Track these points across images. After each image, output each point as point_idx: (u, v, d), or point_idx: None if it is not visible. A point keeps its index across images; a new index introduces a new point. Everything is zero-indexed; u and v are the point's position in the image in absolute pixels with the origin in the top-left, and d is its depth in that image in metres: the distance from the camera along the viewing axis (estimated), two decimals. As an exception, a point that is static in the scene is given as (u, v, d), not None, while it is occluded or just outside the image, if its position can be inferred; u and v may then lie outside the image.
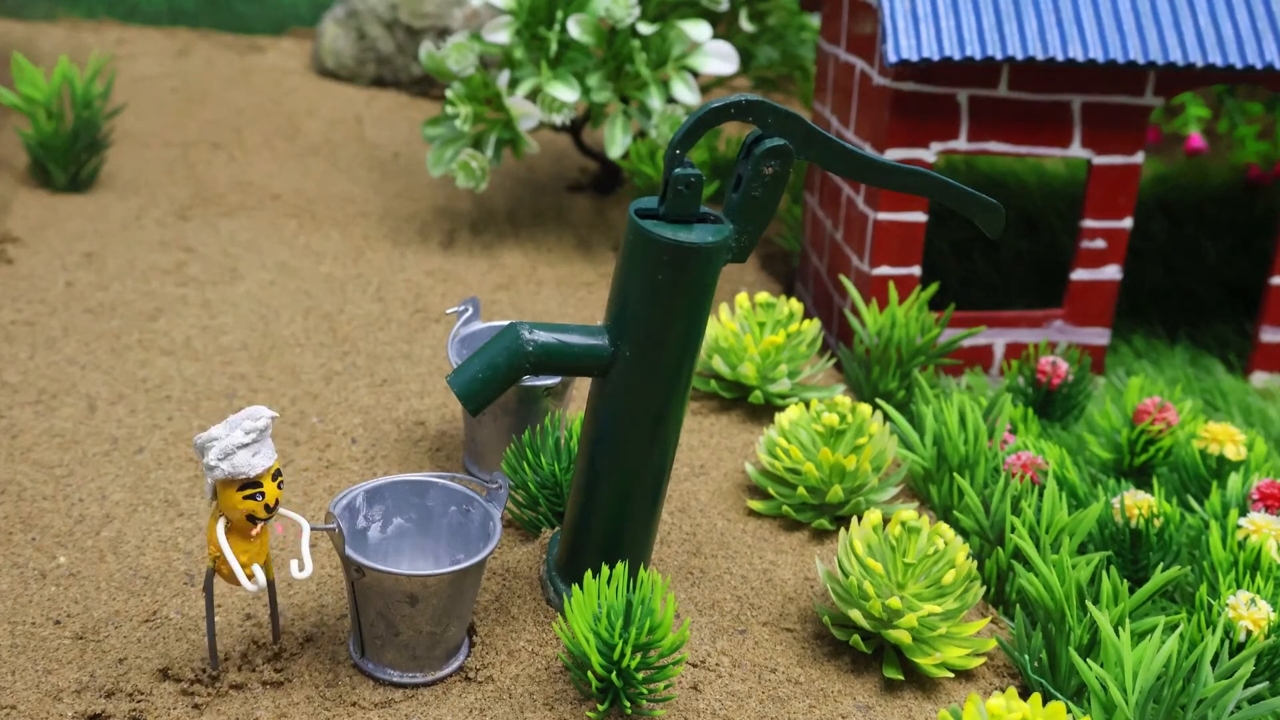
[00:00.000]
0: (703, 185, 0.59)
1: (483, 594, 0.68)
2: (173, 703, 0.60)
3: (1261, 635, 0.63)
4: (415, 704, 0.61)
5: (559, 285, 1.06)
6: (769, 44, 1.24)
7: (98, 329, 0.92)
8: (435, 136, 1.08)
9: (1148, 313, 1.09)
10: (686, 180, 0.59)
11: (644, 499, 0.65)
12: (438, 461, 0.81)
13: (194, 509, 0.74)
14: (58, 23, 1.62)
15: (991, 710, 0.55)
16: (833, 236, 1.00)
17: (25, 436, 0.79)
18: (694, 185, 0.59)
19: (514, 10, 1.03)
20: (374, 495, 0.65)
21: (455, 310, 0.80)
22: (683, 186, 0.59)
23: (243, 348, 0.91)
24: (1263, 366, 0.99)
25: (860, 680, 0.66)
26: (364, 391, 0.87)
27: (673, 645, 0.60)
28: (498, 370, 0.61)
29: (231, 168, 1.23)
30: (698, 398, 0.90)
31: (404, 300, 1.01)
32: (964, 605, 0.66)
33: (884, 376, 0.87)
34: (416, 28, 1.51)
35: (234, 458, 0.56)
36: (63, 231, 1.07)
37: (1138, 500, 0.73)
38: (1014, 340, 0.96)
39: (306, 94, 1.46)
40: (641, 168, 1.13)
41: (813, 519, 0.76)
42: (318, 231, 1.12)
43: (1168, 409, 0.83)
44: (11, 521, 0.72)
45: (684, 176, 0.58)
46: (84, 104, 1.13)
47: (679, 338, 0.61)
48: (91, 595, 0.67)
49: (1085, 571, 0.64)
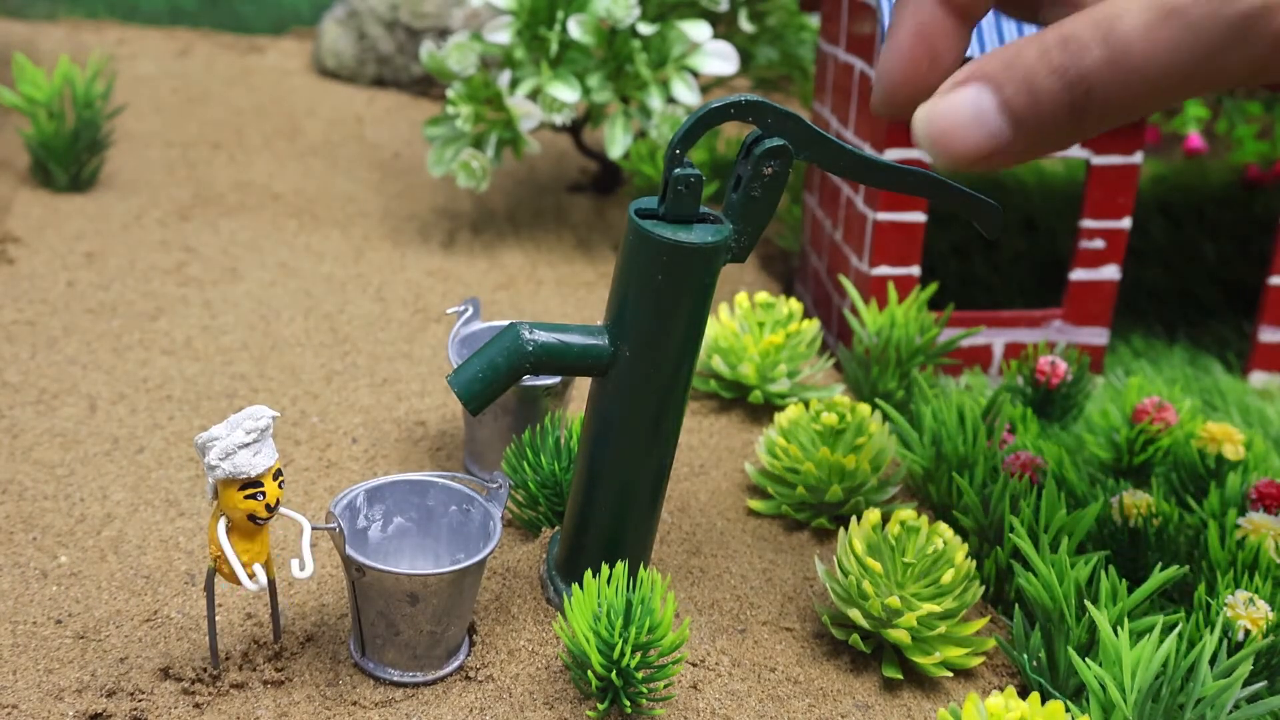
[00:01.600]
0: (703, 185, 0.59)
1: (483, 593, 0.68)
2: (174, 702, 0.60)
3: (1260, 634, 0.63)
4: (416, 703, 0.61)
5: (559, 285, 1.06)
6: (769, 44, 1.24)
7: (99, 329, 0.92)
8: (436, 136, 1.08)
9: (1147, 313, 1.09)
10: (686, 180, 0.59)
11: (644, 499, 0.65)
12: (438, 461, 0.81)
13: (195, 508, 0.74)
14: (58, 23, 1.62)
15: (990, 709, 0.55)
16: (832, 236, 1.00)
17: (26, 436, 0.80)
18: (694, 185, 0.59)
19: (514, 10, 1.03)
20: (374, 495, 0.65)
21: (455, 310, 0.80)
22: (682, 186, 0.59)
23: (243, 348, 0.92)
24: (1261, 366, 0.99)
25: (859, 679, 0.66)
26: (364, 391, 0.88)
27: (672, 644, 0.60)
28: (498, 370, 0.61)
29: (232, 168, 1.24)
30: (698, 398, 0.90)
31: (404, 300, 1.01)
32: (963, 605, 0.67)
33: (883, 376, 0.87)
34: (417, 28, 1.51)
35: (235, 457, 0.56)
36: (64, 231, 1.07)
37: (1136, 500, 0.73)
38: (1013, 340, 0.96)
39: (307, 94, 1.47)
40: (641, 168, 1.13)
41: (812, 519, 0.77)
42: (318, 231, 1.12)
43: (1166, 409, 0.83)
44: (13, 521, 0.72)
45: (684, 177, 0.59)
46: (85, 104, 1.13)
47: (678, 338, 0.61)
48: (93, 595, 0.67)
49: (1084, 571, 0.64)
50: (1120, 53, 0.47)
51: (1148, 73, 0.47)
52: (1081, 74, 0.48)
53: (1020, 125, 0.50)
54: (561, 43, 1.05)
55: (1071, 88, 0.49)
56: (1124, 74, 0.48)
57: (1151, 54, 0.47)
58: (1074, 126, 0.50)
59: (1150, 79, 0.48)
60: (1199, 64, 0.47)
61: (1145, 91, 0.48)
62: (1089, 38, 0.48)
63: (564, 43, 1.05)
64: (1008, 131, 0.50)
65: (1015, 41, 0.50)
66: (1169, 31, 0.47)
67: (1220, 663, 0.60)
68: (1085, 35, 0.48)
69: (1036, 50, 0.49)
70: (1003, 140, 0.50)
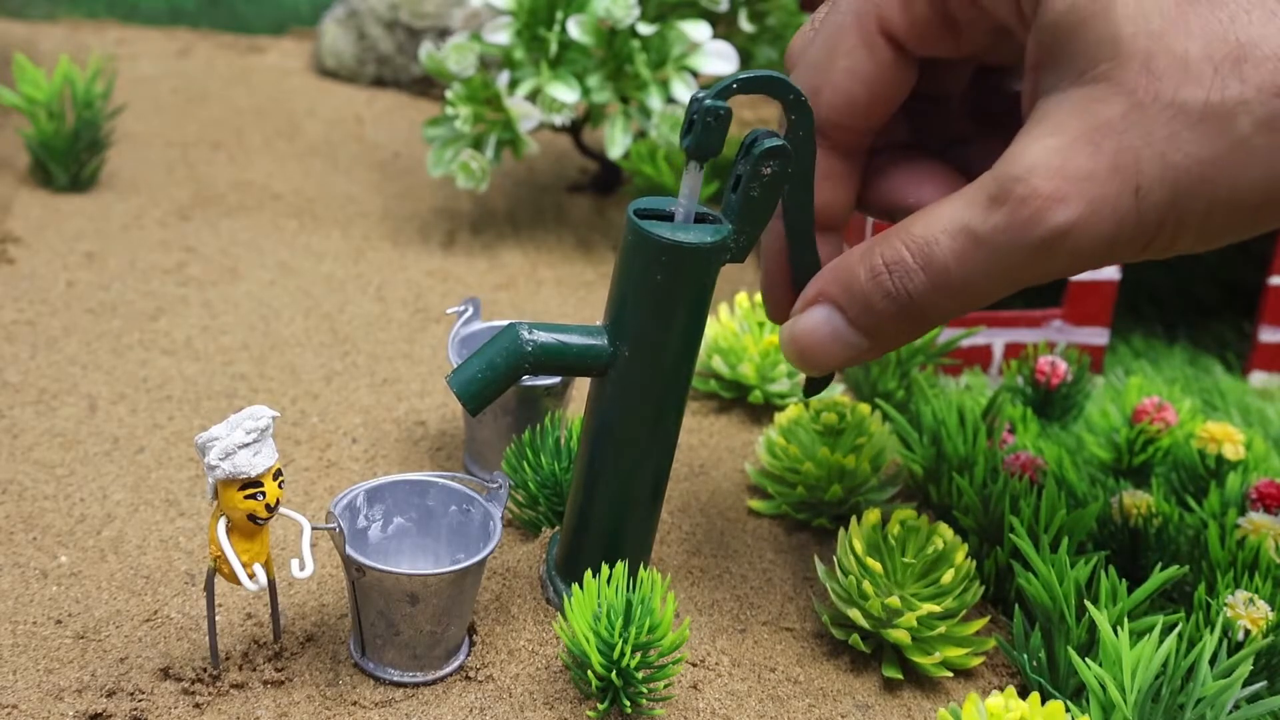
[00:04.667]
0: (730, 120, 0.57)
1: (483, 593, 0.68)
2: (174, 702, 0.60)
3: (1260, 634, 0.63)
4: (416, 703, 0.61)
5: (559, 285, 1.06)
6: (769, 44, 1.24)
7: (99, 329, 0.92)
8: (435, 137, 1.08)
9: (1147, 312, 1.09)
10: (716, 112, 0.56)
11: (644, 498, 0.65)
12: (438, 461, 0.81)
13: (195, 508, 0.74)
14: (58, 23, 1.62)
15: (990, 709, 0.55)
16: (832, 236, 1.00)
17: (26, 436, 0.80)
18: (723, 119, 0.57)
19: (514, 11, 1.03)
20: (374, 495, 0.65)
21: (455, 310, 0.80)
22: (712, 119, 0.57)
23: (243, 347, 0.92)
24: (1261, 366, 0.99)
25: (859, 679, 0.66)
26: (364, 391, 0.88)
27: (672, 644, 0.60)
28: (497, 370, 0.61)
29: (232, 168, 1.24)
30: (697, 398, 0.90)
31: (404, 300, 1.01)
32: (963, 604, 0.67)
33: (883, 376, 0.87)
34: (417, 28, 1.51)
35: (235, 457, 0.56)
36: (63, 231, 1.07)
37: (1136, 500, 0.73)
38: (1013, 340, 0.96)
39: (306, 94, 1.47)
40: (641, 168, 1.13)
41: (812, 519, 0.77)
42: (318, 231, 1.12)
43: (1166, 409, 0.83)
44: (13, 521, 0.72)
45: (715, 108, 0.56)
46: (85, 104, 1.13)
47: (678, 338, 0.61)
48: (92, 594, 0.67)
49: (1084, 571, 0.64)
50: (940, 277, 0.54)
51: (966, 291, 0.54)
52: (910, 296, 0.55)
53: (871, 336, 0.58)
54: (561, 43, 1.05)
55: (905, 309, 0.56)
56: (946, 294, 0.54)
57: (966, 277, 0.54)
58: (914, 332, 0.57)
59: (969, 296, 0.54)
60: (1008, 280, 0.54)
61: (967, 303, 0.55)
62: (912, 264, 0.54)
63: (563, 43, 1.05)
64: (864, 342, 0.58)
65: (846, 258, 0.58)
66: (978, 258, 0.53)
67: (1220, 663, 0.60)
68: (909, 261, 0.55)
69: (867, 273, 0.56)
70: (861, 350, 0.58)
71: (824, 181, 0.61)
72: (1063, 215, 0.51)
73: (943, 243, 0.54)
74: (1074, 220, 0.51)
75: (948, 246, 0.54)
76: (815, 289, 0.59)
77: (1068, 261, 0.53)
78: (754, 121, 1.37)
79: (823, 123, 0.59)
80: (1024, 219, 0.52)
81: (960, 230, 0.53)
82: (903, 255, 0.55)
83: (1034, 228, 0.52)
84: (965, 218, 0.53)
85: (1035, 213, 0.51)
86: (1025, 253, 0.52)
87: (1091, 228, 0.51)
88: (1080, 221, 0.51)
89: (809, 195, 0.60)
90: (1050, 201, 0.51)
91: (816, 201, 0.61)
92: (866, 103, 0.59)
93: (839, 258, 0.59)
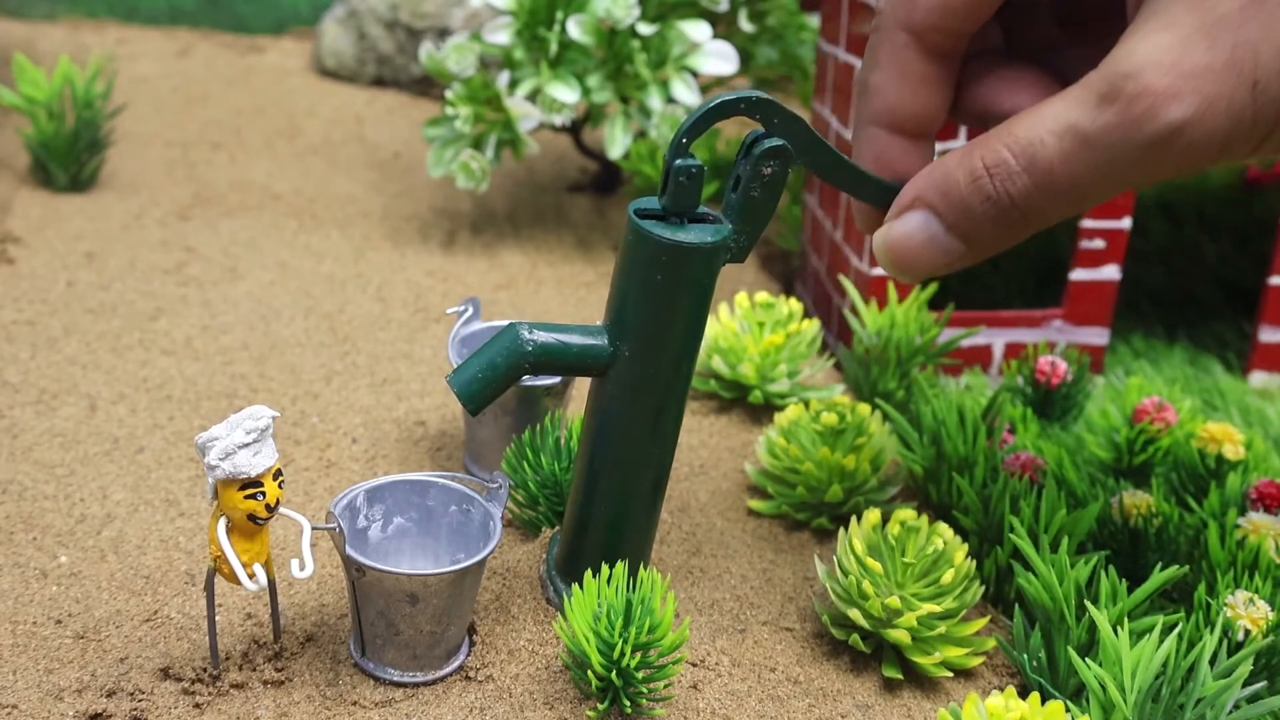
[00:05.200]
0: (704, 177, 0.59)
1: (483, 593, 0.68)
2: (174, 702, 0.60)
3: (1260, 634, 0.63)
4: (416, 703, 0.61)
5: (559, 285, 1.06)
6: (768, 44, 1.24)
7: (98, 329, 0.92)
8: (435, 137, 1.08)
9: (1147, 313, 1.09)
10: (688, 171, 0.58)
11: (644, 498, 0.65)
12: (438, 461, 0.81)
13: (195, 508, 0.74)
14: (58, 23, 1.62)
15: (990, 709, 0.55)
16: (832, 236, 1.00)
17: (26, 436, 0.80)
18: (695, 176, 0.58)
19: (514, 11, 1.03)
20: (374, 495, 0.65)
21: (455, 310, 0.80)
22: (684, 178, 0.58)
23: (243, 347, 0.92)
24: (1261, 366, 0.99)
25: (859, 679, 0.66)
26: (364, 391, 0.88)
27: (672, 644, 0.60)
28: (497, 370, 0.61)
29: (232, 168, 1.24)
30: (698, 397, 0.90)
31: (404, 300, 1.01)
32: (963, 605, 0.67)
33: (883, 376, 0.87)
34: (416, 28, 1.51)
35: (235, 457, 0.56)
36: (64, 231, 1.07)
37: (1136, 500, 0.73)
38: (1013, 340, 0.96)
39: (306, 94, 1.47)
40: (641, 168, 1.13)
41: (812, 519, 0.77)
42: (318, 231, 1.12)
43: (1166, 409, 0.83)
44: (13, 521, 0.72)
45: (685, 168, 0.58)
46: (85, 104, 1.13)
47: (678, 338, 0.61)
48: (93, 595, 0.67)
49: (1084, 571, 0.64)
50: (1044, 178, 0.53)
51: (1072, 193, 0.53)
52: (1012, 199, 0.54)
53: (969, 241, 0.56)
54: (561, 43, 1.05)
55: (1006, 212, 0.54)
56: (1050, 196, 0.53)
57: (1073, 177, 0.52)
58: (1014, 237, 0.56)
59: (1074, 198, 0.53)
60: (1117, 180, 0.52)
61: (1071, 205, 0.53)
62: (1015, 165, 0.53)
63: (563, 43, 1.05)
64: (961, 247, 0.56)
65: (942, 163, 0.56)
66: (1086, 158, 0.52)
67: (1220, 663, 0.60)
68: (1011, 164, 0.53)
69: (966, 176, 0.55)
70: (957, 255, 0.57)
71: (920, 86, 0.60)
72: (1177, 112, 0.50)
73: (1049, 143, 0.52)
74: (1188, 117, 0.50)
75: (1054, 147, 0.52)
76: (911, 194, 0.57)
77: (1179, 160, 0.51)
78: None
79: (920, 25, 0.58)
80: (1136, 116, 0.50)
81: (1067, 130, 0.52)
82: (1004, 157, 0.54)
83: (1146, 125, 0.50)
84: (1073, 117, 0.52)
85: (1148, 109, 0.50)
86: (1136, 151, 0.51)
87: (1206, 124, 0.50)
88: (1194, 118, 0.50)
89: (827, 154, 0.60)
90: (1164, 98, 0.50)
91: (912, 107, 0.60)
92: (964, 3, 0.58)
93: (935, 162, 0.58)
